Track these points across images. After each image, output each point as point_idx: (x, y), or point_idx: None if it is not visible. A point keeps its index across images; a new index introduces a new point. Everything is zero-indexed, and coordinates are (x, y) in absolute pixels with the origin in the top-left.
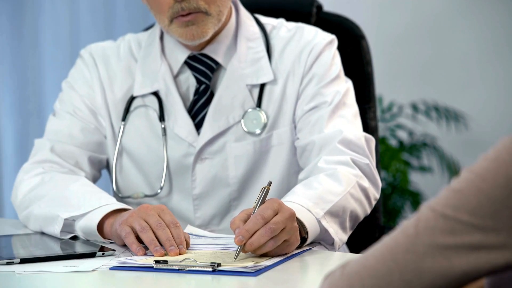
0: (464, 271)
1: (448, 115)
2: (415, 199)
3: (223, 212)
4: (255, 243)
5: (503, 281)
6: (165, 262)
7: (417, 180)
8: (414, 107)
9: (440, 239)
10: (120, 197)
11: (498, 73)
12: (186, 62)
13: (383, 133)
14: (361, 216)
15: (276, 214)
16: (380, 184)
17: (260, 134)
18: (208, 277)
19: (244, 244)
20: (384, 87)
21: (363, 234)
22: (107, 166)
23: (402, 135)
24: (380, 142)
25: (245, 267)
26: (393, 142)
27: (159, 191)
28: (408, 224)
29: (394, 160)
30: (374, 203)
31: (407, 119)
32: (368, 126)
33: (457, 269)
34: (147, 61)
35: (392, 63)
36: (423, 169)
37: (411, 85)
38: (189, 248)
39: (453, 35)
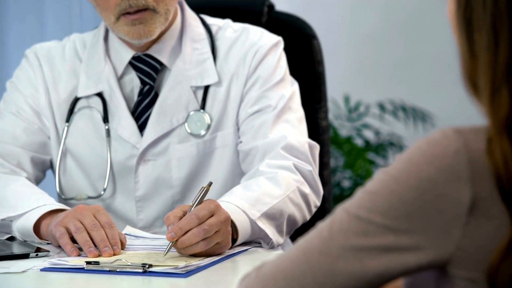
0: (377, 273)
1: (415, 115)
2: None
3: (166, 214)
4: (186, 242)
5: (418, 282)
6: (97, 263)
7: None
8: (381, 107)
9: (354, 240)
10: (63, 199)
11: None
12: (130, 63)
13: (350, 133)
14: (300, 221)
15: (212, 215)
16: (321, 191)
17: (203, 135)
18: (140, 278)
19: (176, 241)
20: (351, 87)
21: None
22: (52, 167)
23: (369, 134)
24: (346, 142)
25: (176, 267)
26: (359, 142)
27: (102, 192)
28: (323, 226)
29: (359, 159)
30: (314, 210)
31: (374, 119)
32: (319, 126)
33: (369, 271)
34: (91, 62)
35: (359, 62)
36: None
37: (378, 85)
38: (125, 248)
39: (422, 35)
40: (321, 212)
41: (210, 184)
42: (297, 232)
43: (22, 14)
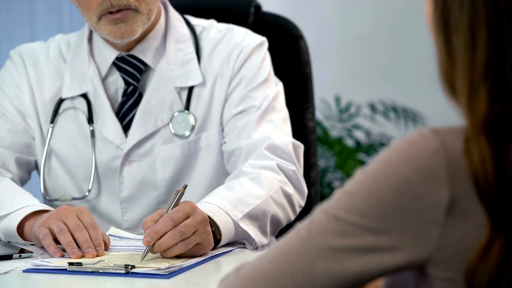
0: (356, 273)
1: (406, 115)
2: None
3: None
4: (163, 245)
5: (398, 282)
6: (79, 264)
7: None
8: (372, 108)
9: (332, 241)
10: (48, 200)
11: None
12: (114, 63)
13: (340, 133)
14: (284, 221)
15: (188, 217)
16: (306, 191)
17: (188, 136)
18: (122, 279)
19: (153, 245)
20: (342, 87)
21: None
22: (36, 168)
23: (360, 135)
24: (336, 142)
25: (159, 269)
26: (349, 142)
27: (87, 193)
28: (302, 227)
29: (350, 160)
30: (298, 210)
31: (365, 120)
32: (306, 126)
33: (348, 272)
34: (75, 63)
35: (350, 63)
36: None
37: (369, 86)
38: (109, 249)
39: (413, 35)
40: (308, 213)
41: (185, 186)
42: (283, 232)
43: (13, 20)
